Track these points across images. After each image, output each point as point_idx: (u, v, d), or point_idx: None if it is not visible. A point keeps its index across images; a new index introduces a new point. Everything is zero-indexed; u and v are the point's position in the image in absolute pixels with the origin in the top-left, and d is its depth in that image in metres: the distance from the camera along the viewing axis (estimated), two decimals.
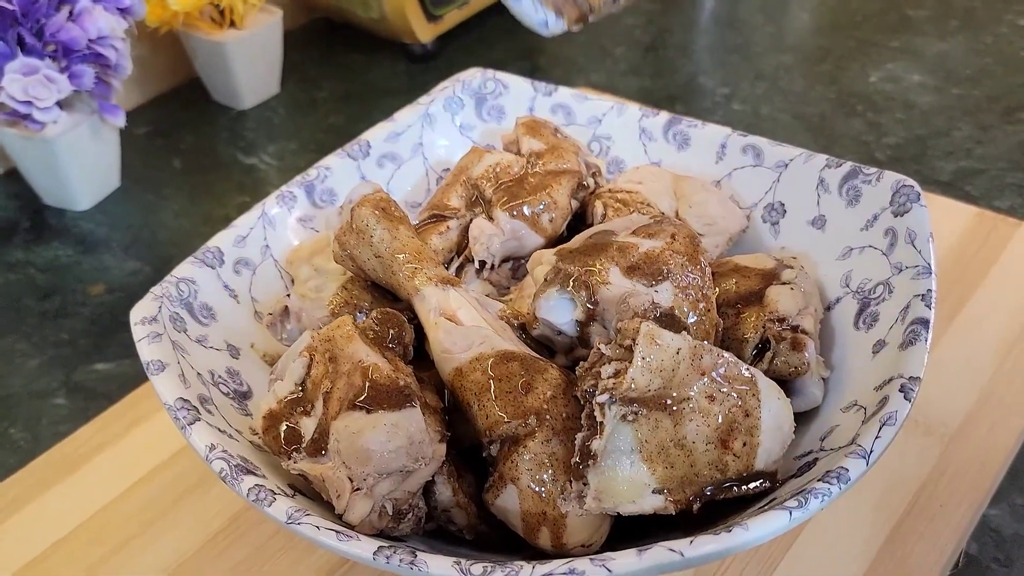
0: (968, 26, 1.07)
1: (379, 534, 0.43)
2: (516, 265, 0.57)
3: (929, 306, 0.47)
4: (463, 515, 0.46)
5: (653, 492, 0.41)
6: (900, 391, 0.43)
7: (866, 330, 0.50)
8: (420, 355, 0.49)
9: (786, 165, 0.57)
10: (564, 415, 0.43)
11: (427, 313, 0.48)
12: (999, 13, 1.08)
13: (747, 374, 0.42)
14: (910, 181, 0.52)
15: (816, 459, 0.44)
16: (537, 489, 0.42)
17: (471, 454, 0.46)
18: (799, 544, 0.52)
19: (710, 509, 0.43)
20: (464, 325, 0.47)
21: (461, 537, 0.47)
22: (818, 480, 0.40)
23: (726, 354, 0.42)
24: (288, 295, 0.54)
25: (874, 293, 0.51)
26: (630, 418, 0.40)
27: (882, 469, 0.41)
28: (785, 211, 0.57)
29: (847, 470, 0.40)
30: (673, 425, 0.41)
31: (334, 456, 0.43)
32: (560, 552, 0.42)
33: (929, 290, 0.48)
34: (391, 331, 0.47)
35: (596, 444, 0.40)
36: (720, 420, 0.41)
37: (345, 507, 0.42)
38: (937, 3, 1.11)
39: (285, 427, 0.45)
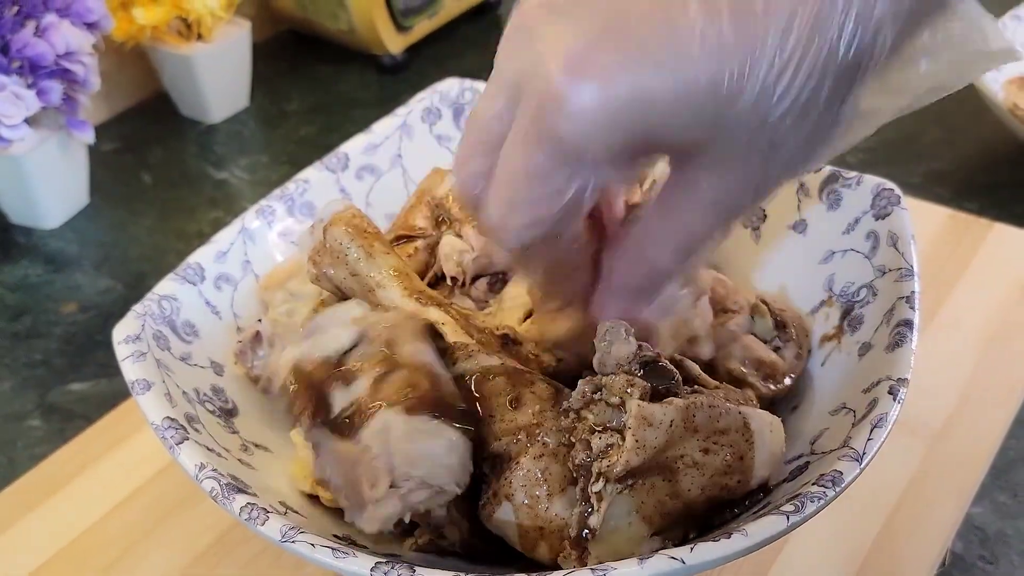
0: None
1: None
2: (494, 280, 0.57)
3: (913, 308, 0.47)
4: (455, 531, 0.45)
5: (651, 537, 0.41)
6: (889, 393, 0.43)
7: (851, 333, 0.50)
8: None
9: None
10: (555, 428, 0.43)
11: None
12: None
13: (741, 421, 0.42)
14: (890, 184, 0.53)
15: (808, 463, 0.44)
16: (533, 505, 0.42)
17: None
18: (790, 547, 0.52)
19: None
20: (447, 341, 0.47)
21: (452, 551, 0.46)
22: (812, 484, 0.40)
23: (718, 403, 0.41)
24: (260, 320, 0.53)
25: (858, 296, 0.51)
26: (627, 491, 0.40)
27: (868, 470, 0.41)
28: (766, 216, 0.57)
29: (841, 473, 0.40)
30: (668, 483, 0.41)
31: (372, 442, 0.41)
32: (559, 564, 0.42)
33: (913, 292, 0.48)
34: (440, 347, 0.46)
35: (594, 520, 0.40)
36: (715, 467, 0.41)
37: (377, 499, 0.40)
38: None
39: (314, 389, 0.43)
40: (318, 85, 1.07)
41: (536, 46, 0.32)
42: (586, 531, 0.40)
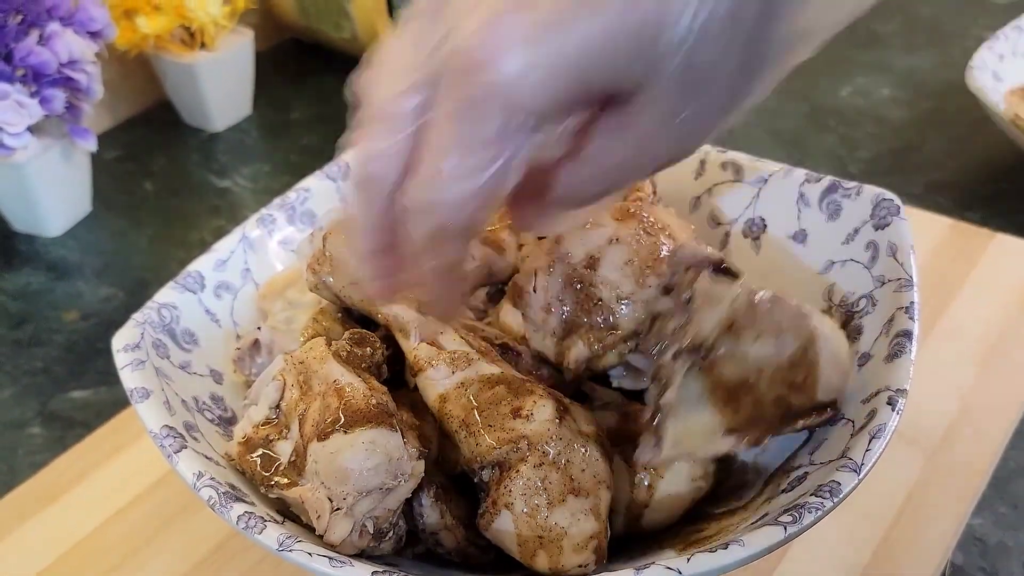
0: (935, 40, 1.09)
1: (360, 554, 0.43)
2: (493, 290, 0.57)
3: (912, 318, 0.47)
4: (451, 537, 0.46)
5: (725, 434, 0.42)
6: (888, 403, 0.43)
7: (850, 343, 0.50)
8: (402, 382, 0.49)
9: (765, 181, 0.58)
10: (555, 437, 0.43)
11: (407, 338, 0.48)
12: (966, 27, 1.10)
13: (804, 311, 0.43)
14: (890, 194, 0.53)
15: (807, 473, 0.44)
16: (532, 514, 0.42)
17: (463, 478, 0.46)
18: (789, 559, 0.52)
19: (696, 516, 0.44)
20: (446, 349, 0.47)
21: (450, 560, 0.46)
22: (810, 494, 0.40)
23: (780, 296, 0.43)
24: (259, 328, 0.53)
25: (857, 306, 0.51)
26: (696, 368, 0.41)
27: (868, 480, 0.41)
28: (766, 226, 0.57)
29: (839, 484, 0.40)
30: (737, 371, 0.42)
31: (312, 477, 0.42)
32: (557, 574, 0.42)
33: (912, 302, 0.48)
34: (364, 351, 0.47)
35: (668, 397, 0.41)
36: (781, 359, 0.42)
37: (326, 527, 0.42)
38: (904, 18, 1.12)
39: (261, 452, 0.45)
40: (321, 94, 1.07)
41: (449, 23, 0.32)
42: (659, 415, 0.41)
